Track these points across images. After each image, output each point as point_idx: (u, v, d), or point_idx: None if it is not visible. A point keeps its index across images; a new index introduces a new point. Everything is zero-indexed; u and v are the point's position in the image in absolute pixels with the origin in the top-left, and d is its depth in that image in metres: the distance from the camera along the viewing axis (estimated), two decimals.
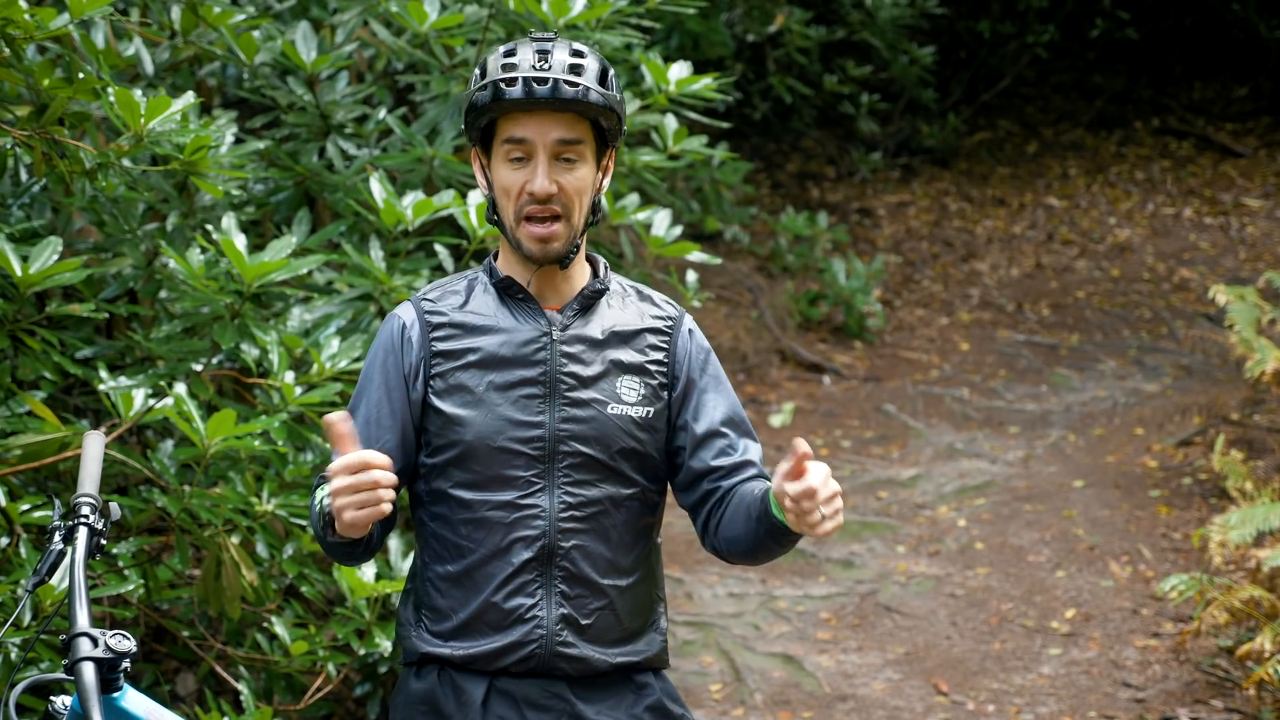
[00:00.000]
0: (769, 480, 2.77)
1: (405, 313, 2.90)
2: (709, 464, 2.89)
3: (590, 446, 2.82)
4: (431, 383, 2.83)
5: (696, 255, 5.05)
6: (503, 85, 2.71)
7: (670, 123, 5.37)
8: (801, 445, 2.53)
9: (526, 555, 2.81)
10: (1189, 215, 12.36)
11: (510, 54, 2.75)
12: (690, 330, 2.96)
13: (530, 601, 2.81)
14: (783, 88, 11.42)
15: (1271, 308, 7.44)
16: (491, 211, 2.85)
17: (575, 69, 2.73)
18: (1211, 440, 7.69)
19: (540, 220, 2.77)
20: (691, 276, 5.47)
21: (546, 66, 2.72)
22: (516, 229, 2.79)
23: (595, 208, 2.84)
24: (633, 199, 5.18)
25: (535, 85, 2.70)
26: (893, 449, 8.56)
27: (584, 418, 2.82)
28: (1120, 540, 7.00)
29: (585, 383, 2.83)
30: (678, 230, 5.17)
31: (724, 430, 2.90)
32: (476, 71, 2.80)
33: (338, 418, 2.54)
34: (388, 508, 2.55)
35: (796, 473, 2.55)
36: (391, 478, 2.54)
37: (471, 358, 2.83)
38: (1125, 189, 12.93)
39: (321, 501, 2.69)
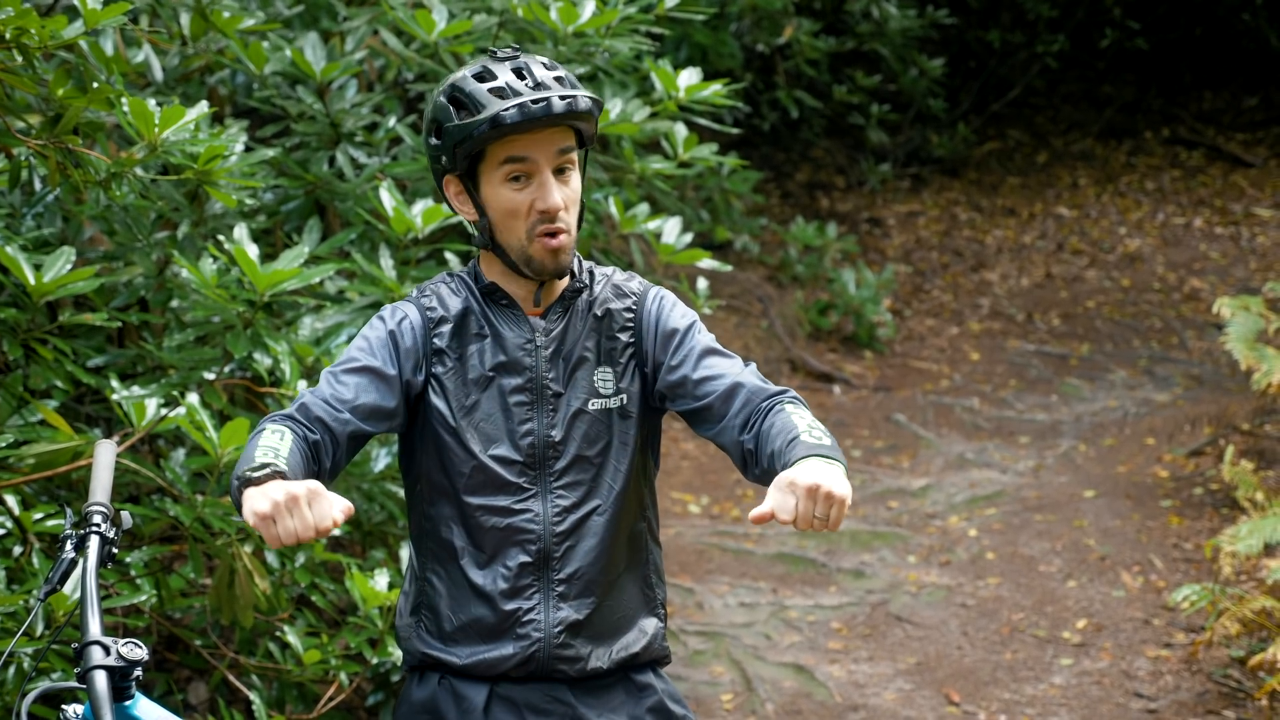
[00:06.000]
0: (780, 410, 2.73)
1: (404, 307, 2.87)
2: (736, 422, 2.81)
3: (577, 448, 2.83)
4: (431, 381, 2.82)
5: (707, 263, 5.04)
6: (501, 114, 2.69)
7: (680, 130, 5.36)
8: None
9: (523, 559, 2.82)
10: (1199, 225, 12.34)
11: (489, 78, 2.73)
12: (654, 306, 2.90)
13: (528, 605, 2.82)
14: (789, 101, 11.41)
15: (1277, 317, 7.42)
16: (487, 236, 2.82)
17: (560, 80, 2.74)
18: (1222, 450, 7.66)
19: (553, 234, 2.78)
20: (702, 284, 5.46)
21: (532, 85, 2.72)
22: (530, 246, 2.78)
23: (581, 212, 2.87)
24: (643, 208, 5.17)
25: (531, 105, 2.69)
26: (903, 459, 8.55)
27: (569, 420, 2.83)
28: (1131, 550, 6.97)
29: (567, 385, 2.84)
30: (688, 238, 5.16)
31: (720, 387, 2.83)
32: (442, 100, 2.76)
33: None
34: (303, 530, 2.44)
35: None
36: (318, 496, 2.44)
37: (468, 360, 2.83)
38: (1135, 199, 12.91)
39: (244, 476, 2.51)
